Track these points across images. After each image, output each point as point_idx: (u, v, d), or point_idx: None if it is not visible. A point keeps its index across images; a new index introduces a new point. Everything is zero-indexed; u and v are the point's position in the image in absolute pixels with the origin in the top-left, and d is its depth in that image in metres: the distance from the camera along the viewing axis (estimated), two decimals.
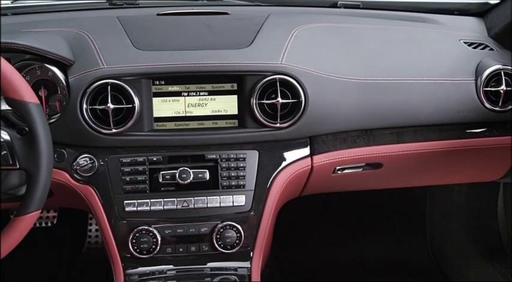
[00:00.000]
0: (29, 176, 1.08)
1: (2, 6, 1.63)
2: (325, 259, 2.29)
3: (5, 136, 1.08)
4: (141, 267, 1.38)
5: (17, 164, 1.07)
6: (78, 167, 1.34)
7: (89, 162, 1.34)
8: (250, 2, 1.71)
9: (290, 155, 1.42)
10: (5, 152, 1.07)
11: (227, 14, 1.55)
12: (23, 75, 1.29)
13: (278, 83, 1.34)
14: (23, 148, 1.08)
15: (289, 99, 1.35)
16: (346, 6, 1.72)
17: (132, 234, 1.34)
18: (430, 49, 1.52)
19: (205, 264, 1.40)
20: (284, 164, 1.41)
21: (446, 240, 2.26)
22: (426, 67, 1.48)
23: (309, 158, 1.44)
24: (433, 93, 1.45)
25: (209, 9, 1.59)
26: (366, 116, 1.43)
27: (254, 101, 1.34)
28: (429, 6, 1.76)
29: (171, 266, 1.39)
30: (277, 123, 1.36)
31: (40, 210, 1.10)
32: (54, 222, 2.33)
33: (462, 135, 1.53)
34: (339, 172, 1.51)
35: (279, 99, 1.33)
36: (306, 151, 1.44)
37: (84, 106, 1.30)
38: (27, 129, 1.26)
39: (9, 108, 1.35)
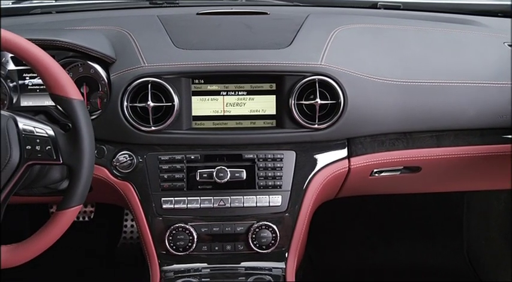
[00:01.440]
0: (71, 171, 1.10)
1: (45, 4, 1.67)
2: (358, 262, 2.27)
3: (50, 131, 1.10)
4: (176, 264, 1.40)
5: (60, 159, 1.09)
6: (117, 164, 1.36)
7: (128, 158, 1.36)
8: (289, 2, 1.71)
9: (327, 157, 1.41)
10: (49, 147, 1.09)
11: (266, 14, 1.55)
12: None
13: (317, 84, 1.33)
14: (66, 144, 1.10)
15: (328, 100, 1.34)
16: (386, 7, 1.70)
17: (168, 231, 1.35)
18: (473, 52, 1.49)
19: (239, 264, 1.40)
20: (321, 165, 1.40)
21: (484, 248, 2.21)
22: (469, 70, 1.45)
23: (347, 160, 1.43)
24: (475, 97, 1.42)
25: (248, 9, 1.59)
26: (405, 119, 1.41)
27: (293, 101, 1.33)
28: (472, 8, 1.73)
29: (205, 264, 1.40)
30: (315, 124, 1.35)
31: (81, 205, 1.12)
32: (92, 216, 2.38)
33: (505, 140, 1.49)
34: (376, 175, 1.49)
35: (318, 100, 1.32)
36: (343, 153, 1.43)
37: (125, 103, 1.32)
38: (70, 125, 1.29)
39: (51, 104, 1.39)
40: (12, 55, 1.38)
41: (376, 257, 2.29)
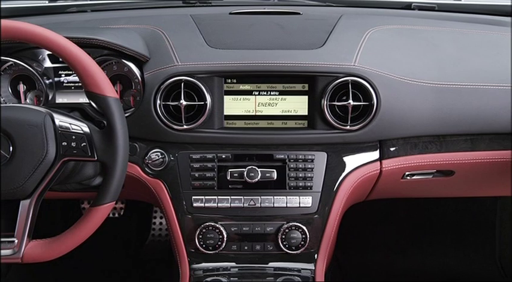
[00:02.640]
0: (105, 168, 1.11)
1: (81, 3, 1.69)
2: (386, 266, 2.25)
3: (85, 128, 1.12)
4: (205, 262, 1.40)
5: (95, 156, 1.11)
6: (149, 161, 1.37)
7: (160, 156, 1.37)
8: (321, 2, 1.70)
9: (359, 158, 1.40)
10: (84, 144, 1.10)
11: (299, 14, 1.54)
12: None
13: (350, 85, 1.32)
14: (101, 141, 1.11)
15: (360, 101, 1.33)
16: (420, 8, 1.68)
17: (198, 229, 1.36)
18: (509, 54, 1.46)
19: (268, 264, 1.40)
20: (352, 167, 1.39)
21: None
22: (505, 73, 1.41)
23: (378, 162, 1.41)
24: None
25: (281, 9, 1.59)
26: (439, 122, 1.39)
27: (325, 102, 1.33)
28: (508, 10, 1.69)
29: (234, 264, 1.40)
30: (347, 126, 1.34)
31: (114, 202, 1.14)
32: (121, 213, 2.40)
33: None
34: (408, 178, 1.48)
35: (351, 101, 1.31)
36: (375, 155, 1.42)
37: (158, 102, 1.33)
38: (104, 122, 1.31)
39: (85, 101, 1.42)
40: (49, 53, 1.42)
41: (405, 262, 2.26)
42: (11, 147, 1.08)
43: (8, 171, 1.07)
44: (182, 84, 1.32)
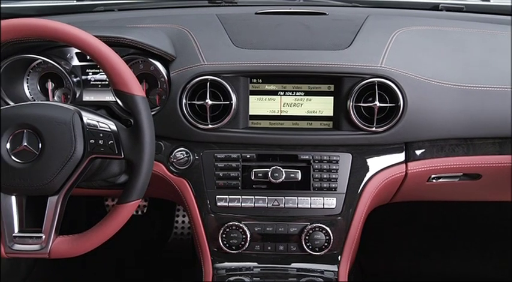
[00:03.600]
0: (132, 166, 1.12)
1: (108, 2, 1.71)
2: (409, 269, 2.22)
3: (112, 126, 1.13)
4: (228, 262, 1.40)
5: (122, 153, 1.12)
6: (174, 160, 1.38)
7: (185, 155, 1.38)
8: (347, 2, 1.69)
9: (384, 160, 1.39)
10: (112, 141, 1.11)
11: (325, 14, 1.53)
12: None
13: (376, 86, 1.31)
14: (128, 139, 1.12)
15: (387, 103, 1.32)
16: (448, 9, 1.66)
17: (222, 229, 1.36)
18: None
19: (290, 264, 1.40)
20: (377, 169, 1.38)
21: None
22: None
23: (404, 165, 1.40)
24: None
25: (307, 9, 1.58)
26: (466, 124, 1.37)
27: (351, 103, 1.32)
28: None
29: (256, 264, 1.40)
30: (373, 127, 1.33)
31: (140, 200, 1.14)
32: (144, 211, 2.42)
33: None
34: (434, 181, 1.46)
35: (377, 102, 1.30)
36: (400, 157, 1.40)
37: (184, 101, 1.34)
38: (131, 120, 1.32)
39: (112, 99, 1.43)
40: (77, 51, 1.44)
41: (429, 265, 2.24)
42: (40, 144, 1.10)
43: (37, 168, 1.09)
44: (208, 83, 1.32)
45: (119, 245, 1.57)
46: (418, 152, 1.41)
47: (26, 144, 1.09)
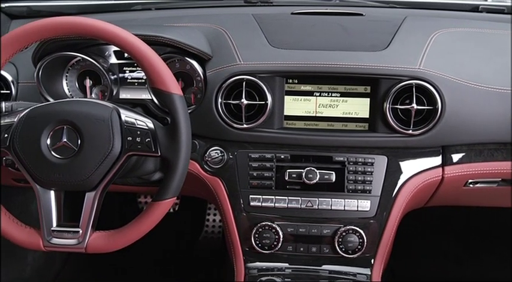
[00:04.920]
0: (168, 164, 1.13)
1: (146, 1, 1.72)
2: (441, 275, 2.18)
3: (150, 124, 1.14)
4: (259, 262, 1.40)
5: (159, 151, 1.12)
6: (209, 159, 1.39)
7: (219, 154, 1.38)
8: (384, 3, 1.67)
9: (420, 164, 1.37)
10: (149, 139, 1.12)
11: (361, 15, 1.52)
12: None
13: (414, 89, 1.29)
14: (165, 137, 1.13)
15: (424, 105, 1.30)
16: (488, 11, 1.62)
17: (255, 229, 1.36)
18: None
19: (322, 266, 1.39)
20: (413, 172, 1.36)
21: None
22: None
23: (440, 169, 1.38)
24: None
25: (343, 9, 1.57)
26: (506, 129, 1.34)
27: (387, 105, 1.30)
28: None
29: (287, 264, 1.40)
30: (409, 130, 1.31)
31: (175, 198, 1.15)
32: (176, 209, 2.44)
33: None
34: (471, 186, 1.43)
35: (414, 105, 1.28)
36: (437, 161, 1.38)
37: (219, 100, 1.34)
38: (168, 119, 1.33)
39: (148, 97, 1.44)
40: (115, 49, 1.45)
41: (461, 272, 2.20)
42: (79, 141, 1.11)
43: (76, 164, 1.11)
44: (244, 83, 1.33)
45: (150, 242, 1.59)
46: (455, 156, 1.38)
47: (65, 140, 1.11)
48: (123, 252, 1.21)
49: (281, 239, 1.35)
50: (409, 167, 1.36)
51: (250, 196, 1.37)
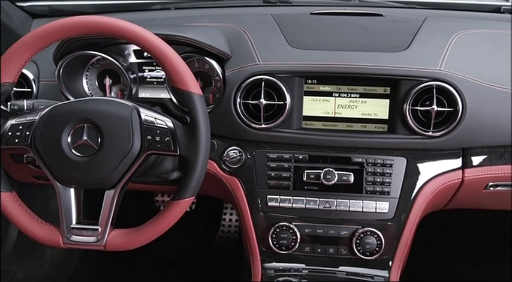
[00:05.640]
0: (187, 163, 1.13)
1: (165, 1, 1.73)
2: (459, 277, 2.16)
3: (169, 123, 1.14)
4: (276, 262, 1.40)
5: (178, 150, 1.12)
6: (227, 158, 1.39)
7: (238, 154, 1.39)
8: (404, 4, 1.65)
9: (440, 166, 1.36)
10: (168, 138, 1.12)
11: (381, 15, 1.51)
12: None
13: (435, 90, 1.28)
14: (184, 136, 1.13)
15: (445, 107, 1.29)
16: (511, 12, 1.59)
17: (272, 229, 1.36)
18: None
19: (338, 268, 1.38)
20: (433, 174, 1.35)
21: None
22: None
23: (460, 171, 1.36)
24: None
25: (362, 10, 1.56)
26: None
27: (407, 106, 1.29)
28: None
29: (304, 265, 1.39)
30: (429, 132, 1.30)
31: (194, 197, 1.15)
32: (193, 208, 2.45)
33: None
34: (491, 189, 1.41)
35: (435, 106, 1.27)
36: (457, 163, 1.37)
37: (238, 100, 1.34)
38: (187, 118, 1.34)
39: (167, 96, 1.45)
40: (135, 48, 1.46)
41: (478, 275, 2.17)
42: (99, 139, 1.12)
43: (96, 162, 1.11)
44: (263, 83, 1.32)
45: (166, 240, 1.59)
46: (475, 159, 1.37)
47: (86, 138, 1.12)
48: (140, 250, 1.22)
49: (298, 240, 1.35)
50: (428, 169, 1.35)
51: (268, 196, 1.37)
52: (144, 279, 2.19)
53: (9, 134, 1.14)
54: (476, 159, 1.36)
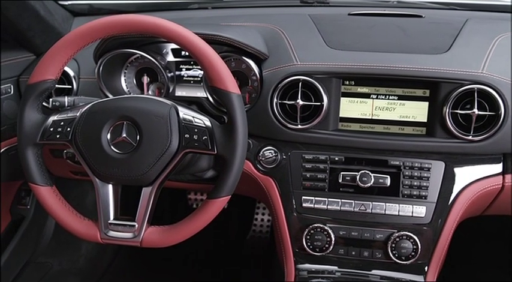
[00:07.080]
0: (224, 162, 1.13)
1: (202, 0, 1.74)
2: None
3: (207, 122, 1.15)
4: (309, 264, 1.39)
5: (215, 149, 1.13)
6: (263, 158, 1.39)
7: (273, 154, 1.38)
8: (445, 5, 1.63)
9: (479, 171, 1.33)
10: (206, 137, 1.13)
11: (421, 17, 1.49)
12: None
13: (476, 93, 1.25)
14: (222, 135, 1.13)
15: (486, 111, 1.26)
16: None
17: (306, 230, 1.35)
18: None
19: (372, 271, 1.37)
20: (472, 179, 1.33)
21: None
22: None
23: (501, 177, 1.33)
24: None
25: (401, 11, 1.54)
26: None
27: (447, 109, 1.27)
28: None
29: (336, 268, 1.38)
30: (469, 136, 1.28)
31: (230, 196, 1.15)
32: (225, 207, 2.45)
33: None
34: None
35: (476, 110, 1.25)
36: (497, 168, 1.33)
37: (275, 100, 1.34)
38: (225, 117, 1.34)
39: (203, 95, 1.46)
40: (173, 47, 1.47)
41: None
42: (138, 136, 1.13)
43: (134, 159, 1.12)
44: (300, 83, 1.32)
45: (199, 238, 1.61)
46: None
47: (125, 135, 1.13)
48: (172, 247, 1.23)
49: (333, 242, 1.34)
50: (467, 174, 1.33)
51: (303, 197, 1.36)
52: (175, 276, 2.20)
53: (51, 129, 1.17)
54: None
